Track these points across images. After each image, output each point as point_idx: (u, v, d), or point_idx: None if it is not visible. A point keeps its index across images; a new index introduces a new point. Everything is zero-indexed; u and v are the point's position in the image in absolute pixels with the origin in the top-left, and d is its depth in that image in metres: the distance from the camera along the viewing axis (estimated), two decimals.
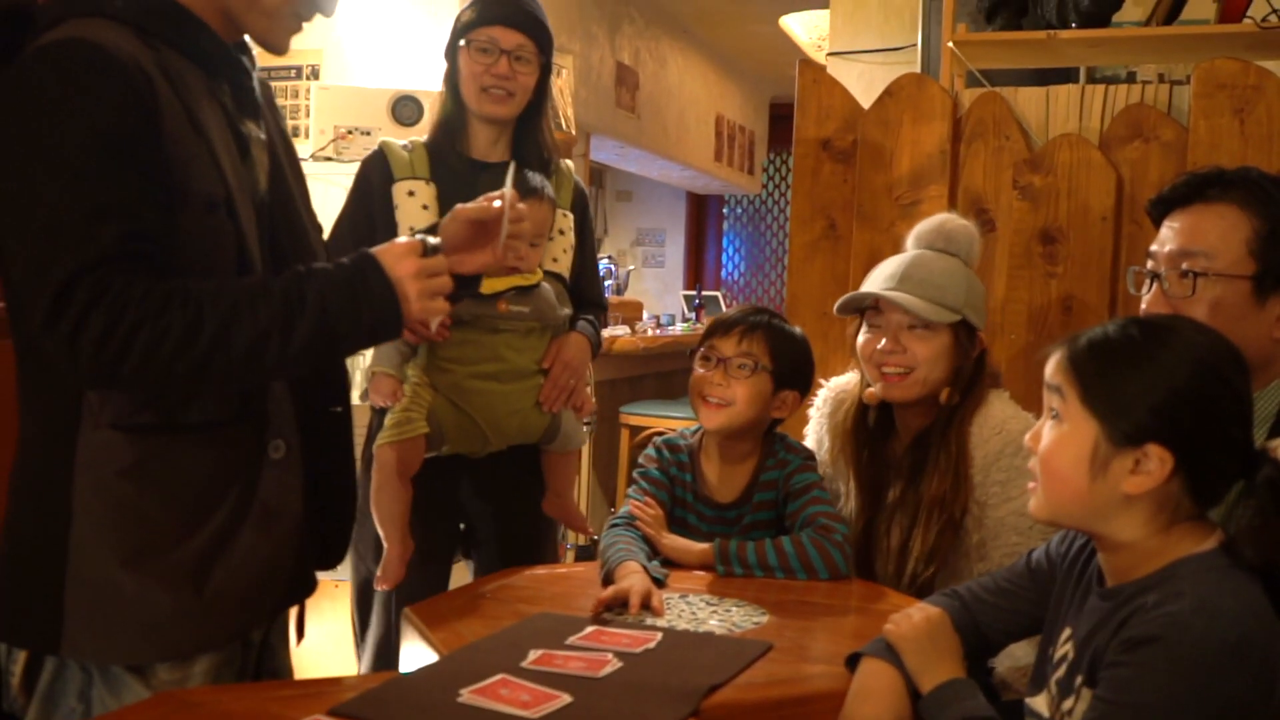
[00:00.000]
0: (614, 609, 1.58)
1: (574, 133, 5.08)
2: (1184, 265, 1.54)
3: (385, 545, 1.93)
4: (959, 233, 1.95)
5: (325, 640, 2.66)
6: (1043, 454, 1.25)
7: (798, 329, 1.97)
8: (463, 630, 1.51)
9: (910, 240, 1.99)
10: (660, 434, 2.05)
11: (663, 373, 5.72)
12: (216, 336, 1.20)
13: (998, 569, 1.83)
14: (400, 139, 2.16)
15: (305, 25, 1.42)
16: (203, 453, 1.32)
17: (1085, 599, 1.29)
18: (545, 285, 2.06)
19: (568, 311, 2.11)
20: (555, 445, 2.12)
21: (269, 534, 1.35)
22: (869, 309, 1.94)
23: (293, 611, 1.53)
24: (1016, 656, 1.68)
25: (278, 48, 1.40)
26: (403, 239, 1.34)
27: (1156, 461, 1.17)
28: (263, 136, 1.43)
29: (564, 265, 2.15)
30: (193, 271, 1.26)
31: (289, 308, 1.24)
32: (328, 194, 2.59)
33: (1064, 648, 1.29)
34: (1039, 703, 1.31)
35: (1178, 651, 1.10)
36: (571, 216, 2.21)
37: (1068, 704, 1.23)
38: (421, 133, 2.20)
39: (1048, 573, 1.40)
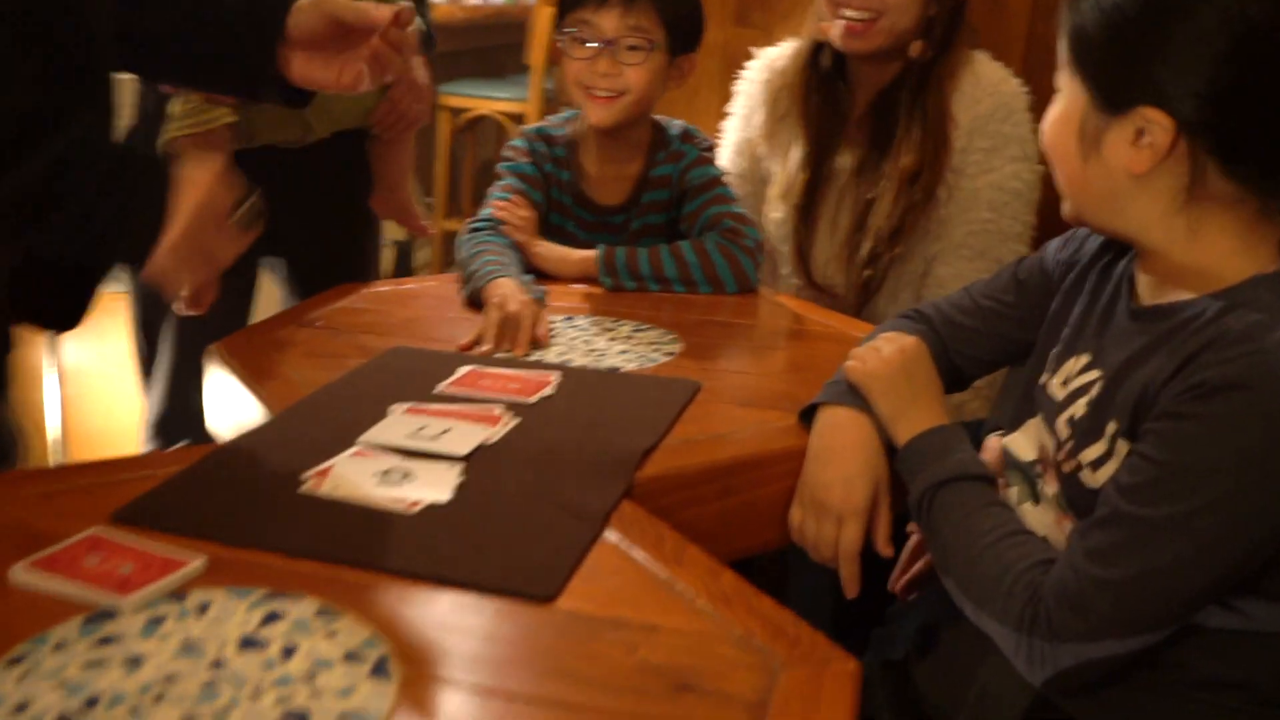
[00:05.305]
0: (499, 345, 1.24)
1: None
2: None
3: None
4: None
5: (104, 363, 2.21)
6: (1043, 134, 0.99)
7: None
8: (292, 376, 1.13)
9: None
10: (483, 117, 1.65)
11: (484, 47, 5.14)
12: None
13: (958, 250, 1.58)
14: None
15: None
16: None
17: (1109, 319, 1.01)
18: None
19: None
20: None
21: None
22: None
23: None
24: None
25: None
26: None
27: (1159, 130, 0.88)
28: None
29: None
30: None
31: None
32: None
33: (1080, 378, 1.00)
34: (1021, 444, 1.05)
35: (1270, 404, 0.83)
36: None
37: (1090, 452, 0.95)
38: None
39: (1041, 285, 1.12)
